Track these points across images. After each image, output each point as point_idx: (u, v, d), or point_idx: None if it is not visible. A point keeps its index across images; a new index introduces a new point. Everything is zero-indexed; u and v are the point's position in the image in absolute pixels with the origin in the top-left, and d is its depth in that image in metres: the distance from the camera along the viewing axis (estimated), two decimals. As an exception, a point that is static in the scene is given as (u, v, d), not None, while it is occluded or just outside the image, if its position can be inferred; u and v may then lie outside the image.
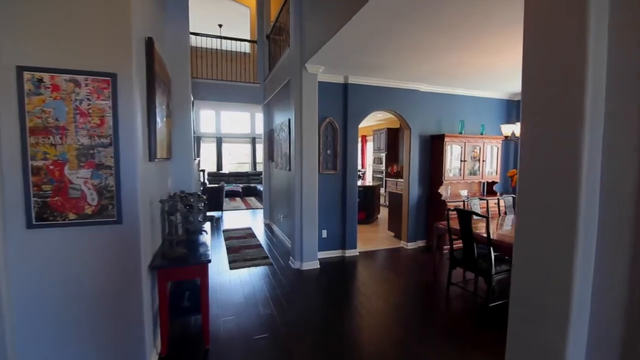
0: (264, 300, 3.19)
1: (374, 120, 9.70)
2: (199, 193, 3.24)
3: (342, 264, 4.31)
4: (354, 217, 4.64)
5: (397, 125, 9.10)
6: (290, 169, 4.39)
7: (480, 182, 5.59)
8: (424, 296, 3.39)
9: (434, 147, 5.09)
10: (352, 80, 4.43)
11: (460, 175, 5.10)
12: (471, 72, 4.17)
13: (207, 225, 2.84)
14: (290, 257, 4.29)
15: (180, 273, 2.30)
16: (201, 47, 6.75)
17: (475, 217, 3.01)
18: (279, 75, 5.24)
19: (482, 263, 3.00)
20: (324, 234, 4.51)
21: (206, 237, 2.71)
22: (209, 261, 2.31)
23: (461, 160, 5.08)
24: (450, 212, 3.41)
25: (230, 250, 4.80)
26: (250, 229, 6.23)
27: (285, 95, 4.83)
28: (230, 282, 3.66)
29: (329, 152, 4.45)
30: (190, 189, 3.50)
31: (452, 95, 5.24)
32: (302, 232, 4.07)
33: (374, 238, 5.63)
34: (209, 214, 7.31)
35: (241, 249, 4.83)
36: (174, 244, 2.37)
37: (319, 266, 4.14)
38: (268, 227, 6.45)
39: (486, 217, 2.85)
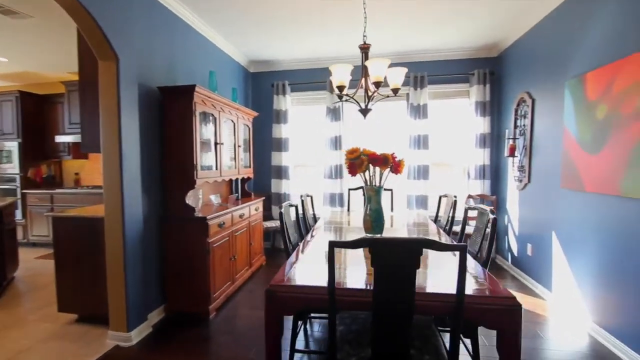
0: None
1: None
2: None
3: None
4: None
5: (43, 90, 5.00)
6: None
7: (231, 180, 3.69)
8: None
9: (171, 112, 2.52)
10: None
11: (216, 168, 2.92)
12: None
13: None
14: None
15: None
16: None
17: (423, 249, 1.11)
18: None
19: None
20: None
21: None
22: None
23: (216, 143, 2.92)
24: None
25: None
26: None
27: None
28: None
29: None
30: None
31: (190, 29, 2.94)
32: None
33: (13, 350, 2.03)
34: None
35: None
36: None
37: None
38: None
39: (462, 247, 1.08)
